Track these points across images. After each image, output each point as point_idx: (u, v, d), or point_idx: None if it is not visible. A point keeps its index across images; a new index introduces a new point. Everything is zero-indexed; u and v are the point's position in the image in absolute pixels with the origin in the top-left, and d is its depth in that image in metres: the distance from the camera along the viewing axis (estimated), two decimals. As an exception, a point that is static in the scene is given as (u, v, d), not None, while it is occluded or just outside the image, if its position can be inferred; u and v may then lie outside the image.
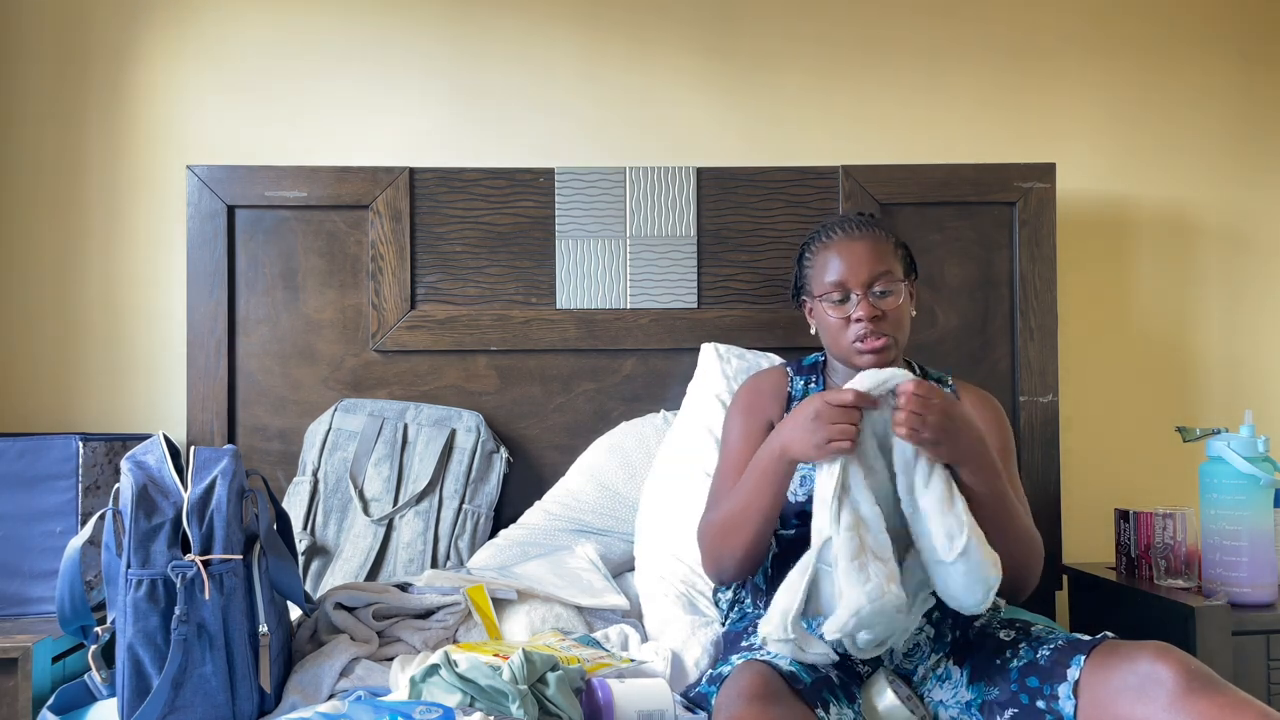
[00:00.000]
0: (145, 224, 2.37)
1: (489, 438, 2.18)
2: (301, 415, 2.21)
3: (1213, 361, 2.50)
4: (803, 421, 1.46)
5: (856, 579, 1.36)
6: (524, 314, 2.24)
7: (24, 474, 1.90)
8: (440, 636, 1.66)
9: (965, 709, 1.48)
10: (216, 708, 1.44)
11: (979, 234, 2.30)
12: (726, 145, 2.44)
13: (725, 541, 1.60)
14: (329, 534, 2.09)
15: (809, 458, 1.45)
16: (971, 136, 2.47)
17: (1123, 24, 2.51)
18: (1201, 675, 1.30)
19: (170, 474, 1.50)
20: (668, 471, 2.01)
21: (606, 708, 1.38)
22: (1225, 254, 2.51)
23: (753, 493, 1.56)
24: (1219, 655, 1.81)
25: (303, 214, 2.24)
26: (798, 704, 1.33)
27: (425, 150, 2.40)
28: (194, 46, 2.40)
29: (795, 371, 1.81)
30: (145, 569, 1.43)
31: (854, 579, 1.36)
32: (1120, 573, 2.19)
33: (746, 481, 1.58)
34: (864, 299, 1.67)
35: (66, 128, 2.37)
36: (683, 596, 1.88)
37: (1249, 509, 1.94)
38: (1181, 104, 2.51)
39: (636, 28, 2.45)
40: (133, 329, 2.36)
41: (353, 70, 2.41)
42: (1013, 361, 2.28)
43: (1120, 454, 2.47)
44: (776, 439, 1.52)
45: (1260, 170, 2.52)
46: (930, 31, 2.48)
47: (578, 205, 2.26)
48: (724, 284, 2.27)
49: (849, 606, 1.36)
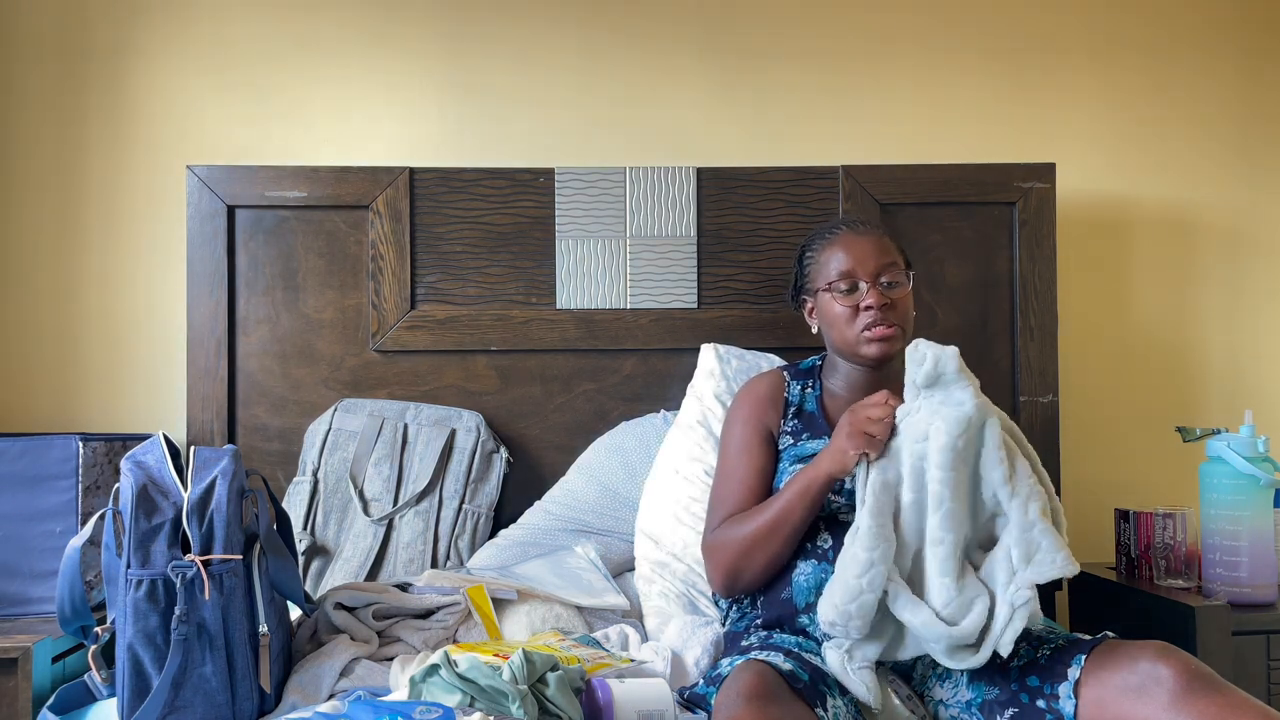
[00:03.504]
0: (145, 224, 2.37)
1: (489, 438, 2.18)
2: (301, 415, 2.21)
3: (1213, 361, 2.50)
4: (835, 436, 1.55)
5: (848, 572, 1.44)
6: (524, 314, 2.24)
7: (24, 474, 1.89)
8: (440, 636, 1.66)
9: (965, 708, 1.48)
10: (216, 708, 1.44)
11: (979, 234, 2.30)
12: (726, 145, 2.44)
13: (750, 558, 1.62)
14: (329, 534, 2.09)
15: (841, 469, 1.52)
16: (971, 136, 2.47)
17: (1123, 24, 2.51)
18: (1202, 675, 1.30)
19: (170, 474, 1.50)
20: (667, 471, 2.01)
21: (606, 708, 1.38)
22: (1225, 254, 2.51)
23: (785, 509, 1.59)
24: (1219, 655, 1.80)
25: (303, 214, 2.24)
26: (797, 703, 1.33)
27: (425, 150, 2.40)
28: (194, 46, 2.40)
29: (792, 375, 1.81)
30: (145, 569, 1.43)
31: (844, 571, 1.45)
32: (1120, 573, 2.19)
33: (778, 499, 1.61)
34: (873, 287, 1.69)
35: (66, 128, 2.37)
36: (683, 596, 1.88)
37: (1249, 509, 1.94)
38: (1181, 104, 2.51)
39: (636, 28, 2.45)
40: (133, 329, 2.36)
41: (353, 70, 2.41)
42: (1013, 361, 2.28)
43: (1120, 454, 2.47)
44: (813, 464, 1.58)
45: (1260, 170, 2.52)
46: (930, 31, 2.48)
47: (578, 205, 2.26)
48: (724, 284, 2.27)
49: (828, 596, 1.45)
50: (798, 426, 1.74)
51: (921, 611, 1.40)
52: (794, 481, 1.60)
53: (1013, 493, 1.44)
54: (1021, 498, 1.44)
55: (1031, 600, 1.39)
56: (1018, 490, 1.45)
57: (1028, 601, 1.38)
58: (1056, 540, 1.42)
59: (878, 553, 1.42)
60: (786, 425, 1.75)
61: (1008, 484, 1.45)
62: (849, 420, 1.53)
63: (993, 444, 1.46)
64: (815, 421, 1.74)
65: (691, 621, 1.78)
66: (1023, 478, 1.46)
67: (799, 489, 1.58)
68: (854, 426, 1.52)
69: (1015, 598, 1.39)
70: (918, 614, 1.40)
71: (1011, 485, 1.45)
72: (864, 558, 1.43)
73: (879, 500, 1.46)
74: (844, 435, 1.52)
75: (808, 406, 1.76)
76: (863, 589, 1.42)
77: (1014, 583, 1.40)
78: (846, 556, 1.46)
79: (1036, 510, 1.43)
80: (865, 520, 1.45)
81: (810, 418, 1.75)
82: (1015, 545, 1.42)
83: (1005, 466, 1.45)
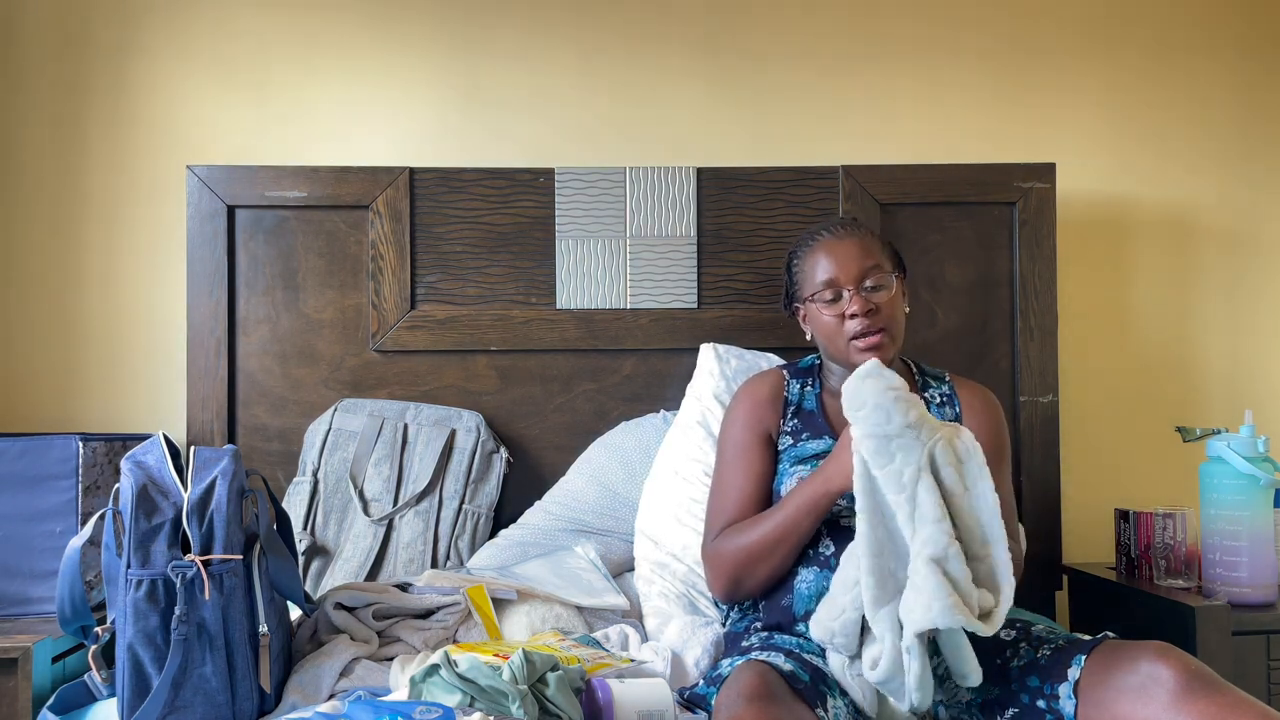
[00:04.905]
0: (145, 224, 2.37)
1: (489, 438, 2.18)
2: (301, 415, 2.21)
3: (1213, 361, 2.50)
4: (841, 449, 1.54)
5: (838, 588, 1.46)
6: (524, 314, 2.24)
7: (24, 474, 1.89)
8: (440, 636, 1.66)
9: (965, 709, 1.48)
10: (216, 708, 1.44)
11: (979, 234, 2.30)
12: (726, 145, 2.44)
13: (753, 569, 1.62)
14: (329, 534, 2.09)
15: (851, 485, 1.45)
16: (971, 136, 2.47)
17: (1123, 24, 2.51)
18: (1202, 675, 1.30)
19: (170, 474, 1.50)
20: (667, 472, 2.01)
21: (606, 708, 1.38)
22: (1225, 254, 2.51)
23: (790, 523, 1.58)
24: (1219, 655, 1.80)
25: (303, 214, 2.24)
26: (797, 704, 1.33)
27: (425, 150, 2.40)
28: (195, 46, 2.40)
29: (791, 374, 1.81)
30: (145, 569, 1.43)
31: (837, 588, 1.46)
32: (1120, 573, 2.19)
33: (783, 511, 1.60)
34: (856, 294, 1.68)
35: (66, 127, 2.37)
36: (683, 596, 1.88)
37: (1249, 509, 1.94)
38: (1181, 104, 2.51)
39: (636, 28, 2.45)
40: (133, 329, 2.36)
41: (353, 70, 2.41)
42: (1013, 361, 2.28)
43: (1120, 454, 2.47)
44: (818, 477, 1.57)
45: (1260, 170, 2.52)
46: (930, 31, 2.48)
47: (578, 205, 2.26)
48: (724, 284, 2.27)
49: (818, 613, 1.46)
50: (797, 426, 1.74)
51: (872, 648, 1.41)
52: (799, 494, 1.59)
53: (914, 533, 1.37)
54: (919, 541, 1.36)
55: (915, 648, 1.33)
56: (919, 532, 1.37)
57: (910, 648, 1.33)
58: (937, 589, 1.31)
59: (861, 572, 1.41)
60: (786, 425, 1.75)
61: (910, 523, 1.37)
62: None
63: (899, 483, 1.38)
64: (815, 420, 1.74)
65: (691, 622, 1.78)
66: (925, 520, 1.36)
67: (805, 504, 1.57)
68: None
69: (906, 643, 1.34)
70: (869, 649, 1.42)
71: (913, 525, 1.37)
72: (853, 578, 1.43)
73: (870, 520, 1.42)
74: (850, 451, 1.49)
75: (807, 405, 1.76)
76: (845, 608, 1.42)
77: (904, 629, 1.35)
78: (839, 576, 1.47)
79: (926, 556, 1.34)
80: (856, 542, 1.43)
81: (810, 416, 1.75)
82: (907, 590, 1.36)
83: (908, 506, 1.37)
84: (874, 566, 1.38)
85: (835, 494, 1.54)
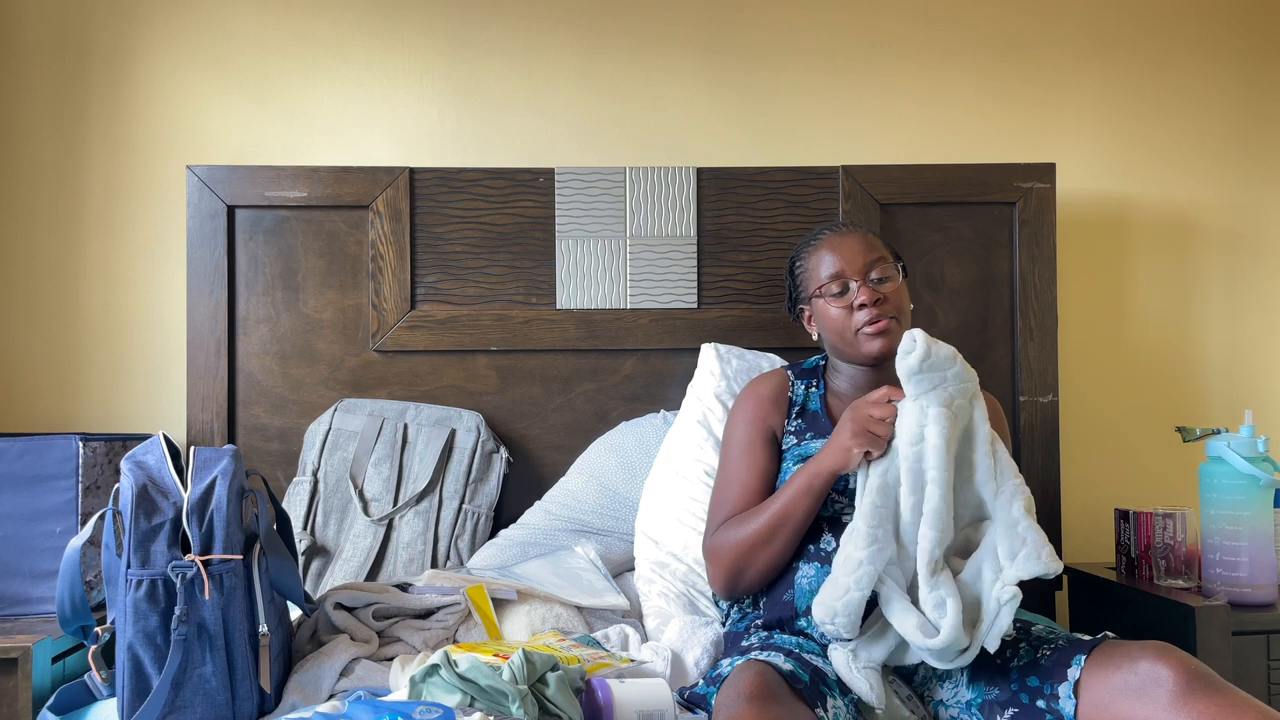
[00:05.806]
0: (145, 224, 2.37)
1: (489, 438, 2.18)
2: (301, 415, 2.21)
3: (1213, 361, 2.50)
4: (837, 432, 1.55)
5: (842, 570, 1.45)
6: (524, 314, 2.24)
7: (24, 474, 1.89)
8: (440, 636, 1.66)
9: (965, 709, 1.48)
10: (216, 708, 1.44)
11: (979, 234, 2.30)
12: (726, 145, 2.44)
13: (752, 558, 1.62)
14: (329, 534, 2.09)
15: (844, 465, 1.52)
16: (971, 136, 2.47)
17: (1123, 24, 2.51)
18: (1202, 675, 1.30)
19: (170, 474, 1.50)
20: (667, 471, 2.01)
21: (606, 708, 1.38)
22: (1225, 254, 2.51)
23: (788, 509, 1.59)
24: (1219, 655, 1.80)
25: (303, 214, 2.24)
26: (797, 703, 1.33)
27: (425, 150, 2.40)
28: (194, 46, 2.40)
29: (796, 375, 1.81)
30: (145, 569, 1.43)
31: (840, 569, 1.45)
32: (1120, 573, 2.19)
33: (779, 497, 1.60)
34: (864, 285, 1.69)
35: (66, 127, 2.37)
36: (683, 596, 1.88)
37: (1249, 509, 1.94)
38: (1181, 104, 2.51)
39: (636, 28, 2.45)
40: (133, 329, 2.36)
41: (353, 70, 2.41)
42: (1013, 361, 2.28)
43: (1120, 454, 2.47)
44: (813, 460, 1.58)
45: (1260, 170, 2.52)
46: (930, 31, 2.48)
47: (578, 205, 2.26)
48: (724, 284, 2.27)
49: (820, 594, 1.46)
50: (801, 426, 1.74)
51: (910, 618, 1.40)
52: (795, 478, 1.60)
53: (998, 489, 1.45)
54: (1007, 494, 1.44)
55: (1016, 597, 1.38)
56: (1003, 487, 1.45)
57: (1014, 598, 1.38)
58: (1040, 538, 1.41)
59: (867, 553, 1.42)
60: (790, 425, 1.75)
61: (992, 480, 1.45)
62: (851, 417, 1.53)
63: (981, 439, 1.46)
64: (819, 421, 1.74)
65: (691, 621, 1.78)
66: (1007, 474, 1.46)
67: (801, 486, 1.58)
68: (857, 424, 1.51)
69: (1001, 594, 1.39)
70: (906, 620, 1.40)
71: (996, 482, 1.45)
72: (855, 557, 1.43)
73: (875, 501, 1.46)
74: (847, 433, 1.52)
75: (811, 406, 1.76)
76: (850, 588, 1.42)
77: (1000, 579, 1.40)
78: (840, 556, 1.46)
79: (1021, 507, 1.43)
80: (859, 522, 1.46)
81: (814, 417, 1.75)
82: (1001, 541, 1.42)
83: (990, 461, 1.46)
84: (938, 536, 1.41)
85: (828, 474, 1.55)
